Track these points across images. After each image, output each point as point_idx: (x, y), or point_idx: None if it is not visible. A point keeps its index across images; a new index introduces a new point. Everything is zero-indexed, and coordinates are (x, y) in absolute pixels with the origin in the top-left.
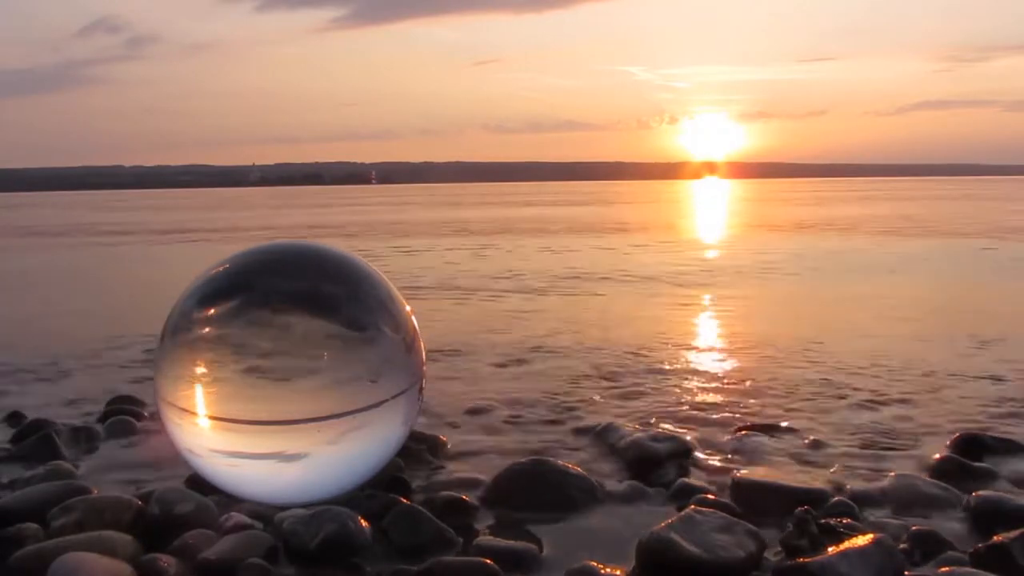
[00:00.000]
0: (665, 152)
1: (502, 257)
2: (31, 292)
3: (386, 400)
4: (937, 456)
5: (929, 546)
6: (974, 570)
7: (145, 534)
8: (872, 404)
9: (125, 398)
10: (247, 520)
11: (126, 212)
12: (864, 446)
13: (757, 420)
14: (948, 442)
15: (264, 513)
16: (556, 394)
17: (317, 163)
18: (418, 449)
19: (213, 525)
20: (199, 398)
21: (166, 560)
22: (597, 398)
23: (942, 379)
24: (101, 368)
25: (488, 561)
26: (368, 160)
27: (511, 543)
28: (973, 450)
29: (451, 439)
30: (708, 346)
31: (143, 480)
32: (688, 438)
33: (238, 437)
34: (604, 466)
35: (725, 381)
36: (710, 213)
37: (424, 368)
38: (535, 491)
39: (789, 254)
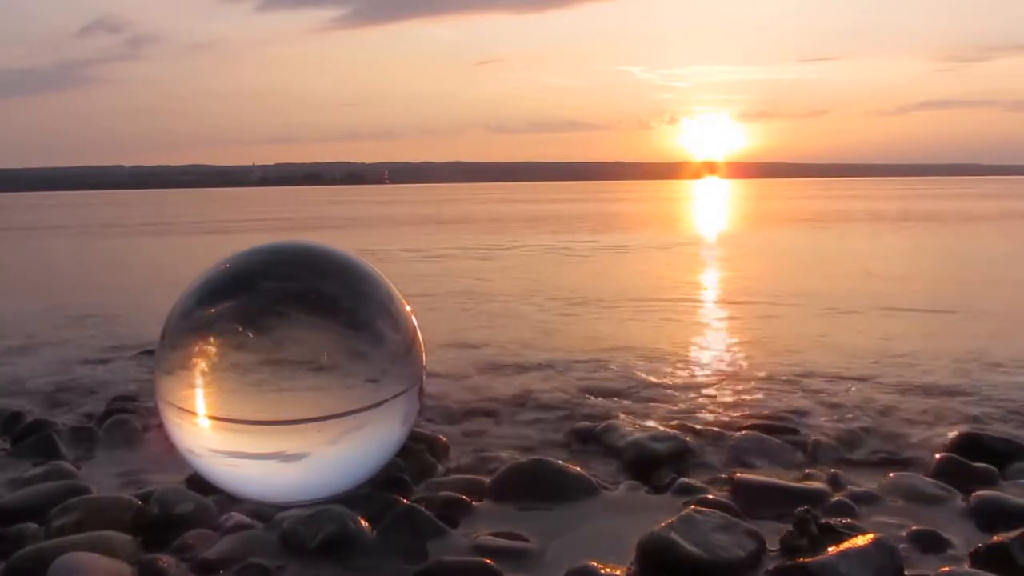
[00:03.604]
0: (666, 152)
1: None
2: (34, 289)
3: (386, 400)
4: (937, 456)
5: (929, 546)
6: (974, 570)
7: (145, 534)
8: (873, 403)
9: (125, 398)
10: (247, 520)
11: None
12: (865, 445)
13: (758, 419)
14: (948, 442)
15: (264, 513)
16: (557, 391)
17: (317, 163)
18: (418, 449)
19: (213, 525)
20: (199, 398)
21: (166, 560)
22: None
23: (947, 379)
24: (101, 368)
25: (488, 561)
26: (368, 160)
27: (511, 543)
28: (973, 450)
29: (451, 439)
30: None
31: (143, 480)
32: (688, 438)
33: (238, 437)
34: (604, 466)
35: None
36: None
37: (424, 368)
38: (535, 491)
39: None
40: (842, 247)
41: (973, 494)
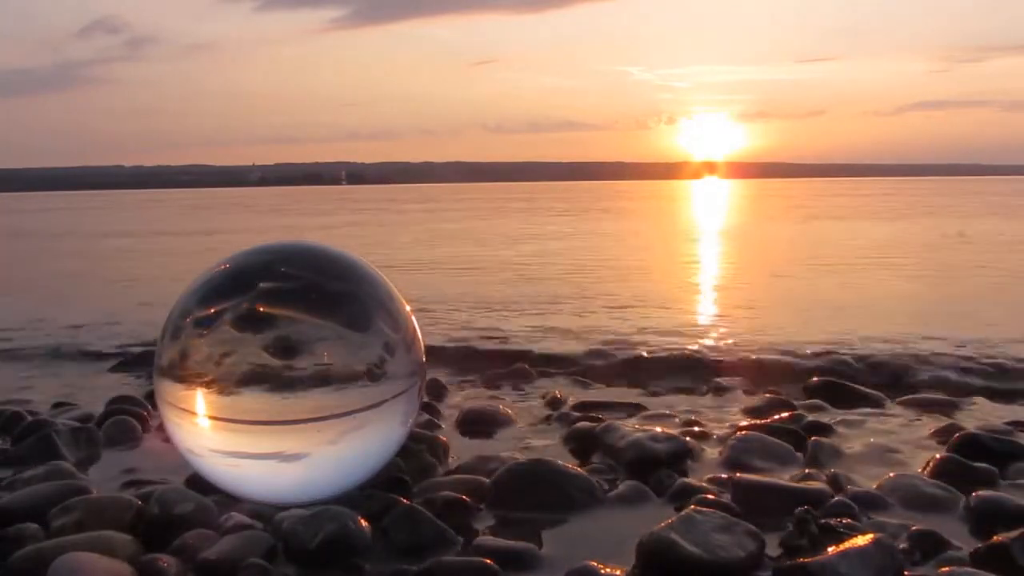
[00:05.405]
0: (665, 152)
1: None
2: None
3: (386, 400)
4: (937, 456)
5: (929, 546)
6: (974, 570)
7: (145, 534)
8: (872, 403)
9: (125, 398)
10: (247, 520)
11: None
12: (865, 445)
13: (757, 419)
14: (948, 442)
15: (264, 513)
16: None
17: (317, 163)
18: (418, 449)
19: (213, 525)
20: (199, 398)
21: (166, 560)
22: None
23: (944, 379)
24: (101, 368)
25: (488, 561)
26: (368, 160)
27: (511, 543)
28: (973, 450)
29: (451, 439)
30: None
31: (143, 480)
32: (688, 438)
33: (238, 437)
34: (604, 466)
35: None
36: None
37: (424, 368)
38: (535, 491)
39: None
40: None
41: (973, 494)
